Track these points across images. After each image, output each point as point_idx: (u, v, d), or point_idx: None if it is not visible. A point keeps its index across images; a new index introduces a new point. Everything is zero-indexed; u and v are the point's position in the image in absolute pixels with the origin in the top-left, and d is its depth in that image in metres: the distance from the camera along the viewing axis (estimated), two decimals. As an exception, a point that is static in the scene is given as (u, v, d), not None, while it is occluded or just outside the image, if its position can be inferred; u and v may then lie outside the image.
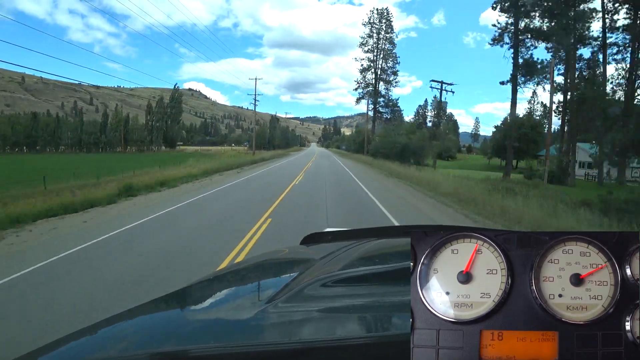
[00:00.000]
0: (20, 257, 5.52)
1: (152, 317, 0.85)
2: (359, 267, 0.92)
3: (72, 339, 0.72)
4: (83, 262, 5.30)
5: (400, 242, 1.13)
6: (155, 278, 4.61)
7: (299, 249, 1.37)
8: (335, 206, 10.44)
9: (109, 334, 0.78)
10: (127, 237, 6.77)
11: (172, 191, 13.46)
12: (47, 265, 5.16)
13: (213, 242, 6.37)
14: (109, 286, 4.38)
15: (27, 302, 3.99)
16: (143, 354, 0.64)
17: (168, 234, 6.97)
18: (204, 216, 8.69)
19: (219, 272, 1.28)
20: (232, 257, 5.50)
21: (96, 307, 3.77)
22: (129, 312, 0.83)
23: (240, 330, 0.69)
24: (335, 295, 0.75)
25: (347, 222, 7.72)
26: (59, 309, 3.76)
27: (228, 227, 7.49)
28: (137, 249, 5.89)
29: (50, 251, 5.76)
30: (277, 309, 0.72)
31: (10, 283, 4.54)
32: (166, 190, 13.64)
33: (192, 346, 0.64)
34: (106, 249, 5.94)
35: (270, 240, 6.36)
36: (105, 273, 4.84)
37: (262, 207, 9.79)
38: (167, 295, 0.96)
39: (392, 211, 9.64)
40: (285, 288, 0.81)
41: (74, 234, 7.02)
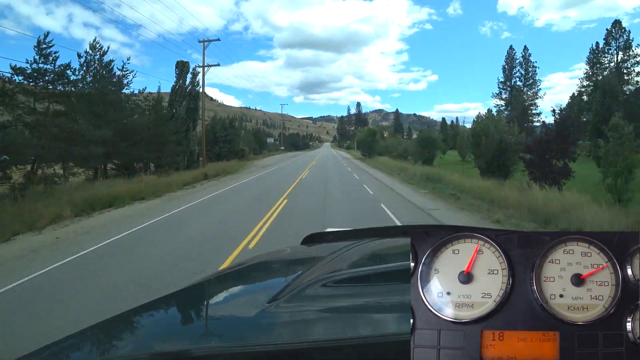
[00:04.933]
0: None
1: (153, 317, 0.85)
2: (359, 267, 0.92)
3: (73, 339, 0.72)
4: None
5: (400, 242, 1.13)
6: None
7: (300, 249, 1.37)
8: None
9: (111, 334, 0.78)
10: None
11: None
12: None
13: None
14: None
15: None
16: (143, 354, 0.64)
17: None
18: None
19: (220, 272, 1.28)
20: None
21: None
22: (129, 312, 0.83)
23: (241, 330, 0.70)
24: (336, 295, 0.75)
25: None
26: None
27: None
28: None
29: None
30: (278, 309, 0.72)
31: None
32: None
33: (193, 346, 0.64)
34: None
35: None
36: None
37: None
38: (168, 295, 0.96)
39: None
40: (286, 288, 0.81)
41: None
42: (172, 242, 6.33)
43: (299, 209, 9.42)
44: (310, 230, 1.51)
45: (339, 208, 9.66)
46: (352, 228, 1.52)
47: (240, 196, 12.18)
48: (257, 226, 7.34)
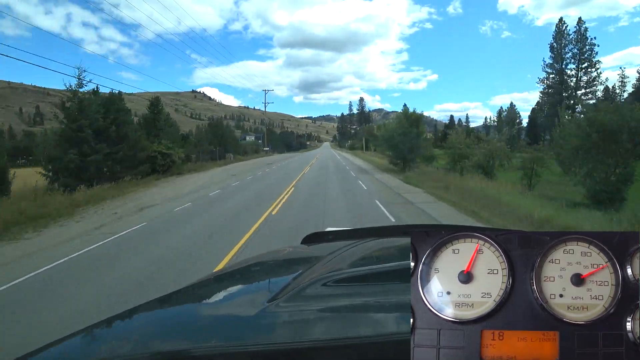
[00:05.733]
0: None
1: (153, 317, 0.85)
2: (359, 267, 0.92)
3: (72, 339, 0.72)
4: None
5: (400, 241, 1.12)
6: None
7: (300, 249, 1.37)
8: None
9: (110, 333, 0.78)
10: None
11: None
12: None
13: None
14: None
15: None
16: (143, 354, 0.64)
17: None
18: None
19: (220, 271, 1.28)
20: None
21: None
22: (129, 312, 0.83)
23: (241, 330, 0.69)
24: (336, 294, 0.75)
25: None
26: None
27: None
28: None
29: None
30: (278, 308, 0.72)
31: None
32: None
33: (193, 345, 0.64)
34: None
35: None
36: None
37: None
38: (168, 295, 0.96)
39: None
40: (286, 288, 0.81)
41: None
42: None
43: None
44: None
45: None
46: (353, 228, 1.50)
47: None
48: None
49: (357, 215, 8.90)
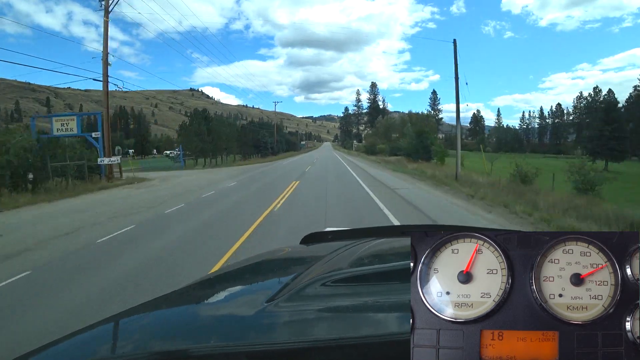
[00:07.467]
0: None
1: (152, 317, 0.85)
2: (359, 267, 0.92)
3: (71, 339, 0.72)
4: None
5: (400, 241, 1.13)
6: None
7: (299, 249, 1.37)
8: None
9: (110, 333, 0.78)
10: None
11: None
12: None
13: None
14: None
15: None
16: (142, 354, 0.64)
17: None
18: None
19: (219, 271, 1.28)
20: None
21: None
22: (128, 312, 0.83)
23: (241, 330, 0.69)
24: (336, 294, 0.75)
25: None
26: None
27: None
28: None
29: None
30: (277, 308, 0.72)
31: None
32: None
33: (192, 346, 0.64)
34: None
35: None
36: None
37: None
38: (167, 295, 0.96)
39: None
40: (285, 287, 0.81)
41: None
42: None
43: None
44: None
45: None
46: (352, 228, 1.52)
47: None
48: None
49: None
